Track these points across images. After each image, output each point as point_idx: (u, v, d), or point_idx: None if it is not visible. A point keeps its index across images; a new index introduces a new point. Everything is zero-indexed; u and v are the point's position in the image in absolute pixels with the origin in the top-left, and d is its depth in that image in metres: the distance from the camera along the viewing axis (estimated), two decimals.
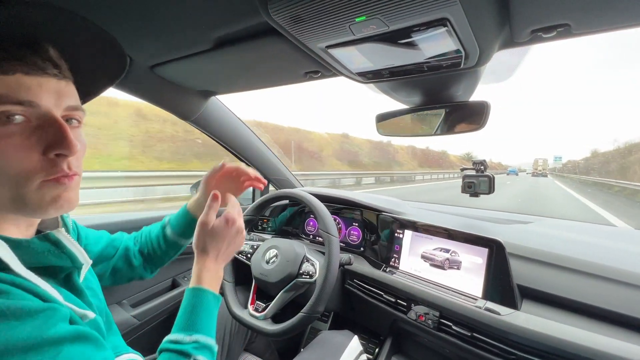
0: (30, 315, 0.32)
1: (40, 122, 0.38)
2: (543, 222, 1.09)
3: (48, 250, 0.41)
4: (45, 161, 0.38)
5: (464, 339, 0.78)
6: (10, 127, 0.36)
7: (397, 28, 0.52)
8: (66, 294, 0.42)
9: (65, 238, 0.43)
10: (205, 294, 0.56)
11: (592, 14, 0.49)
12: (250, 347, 1.09)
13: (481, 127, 0.77)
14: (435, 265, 0.91)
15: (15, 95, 0.35)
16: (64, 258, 0.42)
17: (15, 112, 0.35)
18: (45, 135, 0.38)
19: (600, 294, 0.68)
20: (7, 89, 0.35)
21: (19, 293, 0.33)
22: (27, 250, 0.38)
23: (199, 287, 0.57)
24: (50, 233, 0.42)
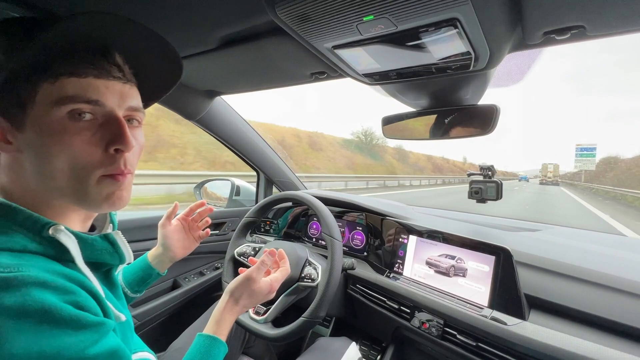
0: (84, 328, 0.35)
1: (104, 120, 0.42)
2: (551, 230, 1.07)
3: (106, 249, 0.45)
4: (106, 156, 0.42)
5: (468, 349, 0.76)
6: (80, 124, 0.40)
7: (405, 28, 0.51)
8: (105, 290, 0.45)
9: (120, 239, 0.47)
10: (219, 346, 0.58)
11: (608, 16, 0.48)
12: (248, 350, 1.08)
13: (490, 131, 0.75)
14: (440, 272, 0.89)
15: (85, 95, 0.40)
16: (115, 257, 0.47)
17: (84, 110, 0.40)
18: (108, 132, 0.42)
19: (611, 306, 0.66)
20: (79, 90, 0.39)
21: (84, 295, 0.36)
22: (90, 247, 0.43)
23: (215, 338, 0.58)
24: (110, 234, 0.46)
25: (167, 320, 1.20)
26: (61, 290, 0.34)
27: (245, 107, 1.66)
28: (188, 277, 1.31)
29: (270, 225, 1.42)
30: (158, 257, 0.75)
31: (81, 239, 0.41)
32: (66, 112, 0.39)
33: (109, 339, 0.38)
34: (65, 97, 0.39)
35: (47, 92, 0.39)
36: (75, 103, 0.39)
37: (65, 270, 0.37)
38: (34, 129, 0.39)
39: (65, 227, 0.40)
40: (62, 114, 0.39)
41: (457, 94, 0.78)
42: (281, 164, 1.50)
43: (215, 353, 0.56)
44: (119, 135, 0.42)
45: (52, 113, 0.39)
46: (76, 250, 0.40)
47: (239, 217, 1.43)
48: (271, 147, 1.45)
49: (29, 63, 0.38)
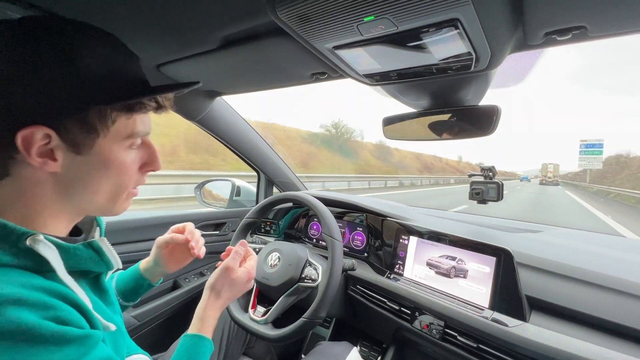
0: (70, 342, 0.34)
1: (143, 144, 0.48)
2: (553, 231, 1.06)
3: (90, 257, 0.44)
4: (139, 176, 0.47)
5: (469, 351, 0.76)
6: (133, 152, 0.46)
7: (406, 29, 0.51)
8: (94, 299, 0.45)
9: (106, 246, 0.46)
10: (204, 344, 0.57)
11: (610, 16, 0.47)
12: (249, 351, 1.08)
13: (491, 132, 0.75)
14: (440, 273, 0.88)
15: (144, 130, 0.45)
16: (101, 265, 0.45)
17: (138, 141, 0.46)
18: (142, 156, 0.48)
19: (612, 308, 0.65)
20: (143, 125, 0.45)
21: (66, 309, 0.35)
22: (73, 256, 0.41)
23: (200, 336, 0.58)
24: (94, 241, 0.45)
25: (168, 321, 1.20)
26: (40, 306, 0.33)
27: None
28: (188, 278, 1.31)
29: (270, 225, 1.42)
30: (149, 270, 0.72)
31: (62, 248, 0.39)
32: (129, 143, 0.44)
33: (97, 351, 0.37)
34: (135, 133, 0.44)
35: (123, 125, 0.42)
36: (139, 137, 0.45)
37: (45, 283, 0.36)
38: (100, 155, 0.41)
39: (45, 235, 0.38)
40: (127, 145, 0.44)
41: (458, 95, 0.78)
42: (282, 165, 1.50)
43: (202, 351, 0.56)
44: (153, 159, 0.48)
45: (121, 144, 0.43)
46: (57, 260, 0.38)
47: (239, 217, 1.44)
48: (271, 147, 1.45)
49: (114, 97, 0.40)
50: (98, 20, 0.61)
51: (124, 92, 0.41)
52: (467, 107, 0.81)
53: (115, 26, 0.64)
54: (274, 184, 1.56)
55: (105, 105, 0.40)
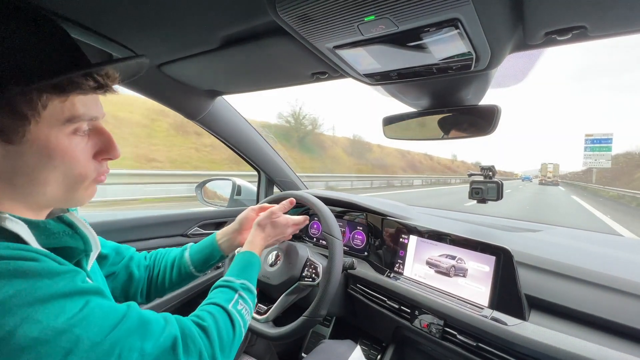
0: (59, 274, 0.36)
1: (93, 129, 0.45)
2: (552, 230, 1.07)
3: (63, 231, 0.43)
4: (97, 165, 0.45)
5: (469, 349, 0.76)
6: (79, 138, 0.42)
7: (406, 28, 0.51)
8: None
9: (78, 220, 0.46)
10: (255, 257, 0.71)
11: (610, 16, 0.48)
12: (250, 349, 1.08)
13: (491, 131, 0.75)
14: (440, 272, 0.89)
15: (89, 113, 0.42)
16: (77, 239, 0.45)
17: (84, 127, 0.42)
18: (96, 142, 0.45)
19: (611, 307, 0.66)
20: (85, 108, 0.41)
21: (46, 259, 0.37)
22: (44, 231, 0.41)
23: (251, 252, 0.71)
24: (64, 215, 0.45)
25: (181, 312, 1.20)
26: (20, 257, 0.34)
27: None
28: None
29: None
30: (228, 234, 0.79)
31: (31, 223, 0.39)
32: (72, 129, 0.41)
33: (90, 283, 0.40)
34: (75, 116, 0.40)
35: (57, 109, 0.39)
36: (82, 121, 0.41)
37: (23, 246, 0.36)
38: (35, 143, 0.38)
39: (11, 214, 0.38)
40: (69, 131, 0.40)
41: (458, 95, 0.78)
42: (282, 164, 1.50)
43: (254, 262, 0.69)
44: (109, 146, 0.46)
45: (60, 129, 0.40)
46: (28, 235, 0.38)
47: None
48: (272, 147, 1.45)
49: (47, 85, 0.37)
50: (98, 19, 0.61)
51: (46, 70, 0.37)
52: (467, 106, 0.82)
53: (117, 26, 0.64)
54: (274, 184, 1.56)
55: (25, 85, 0.36)
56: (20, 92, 0.36)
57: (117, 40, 0.69)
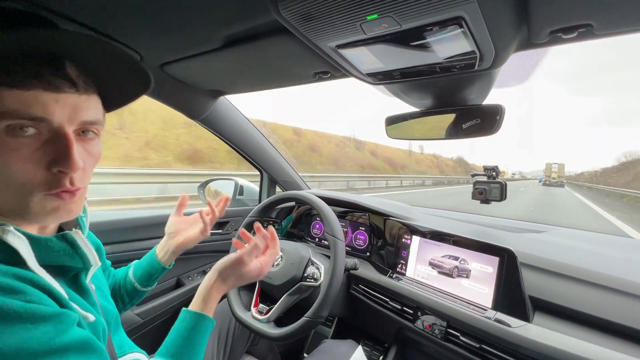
0: (44, 319, 0.33)
1: (50, 135, 0.38)
2: (556, 231, 1.06)
3: (64, 250, 0.41)
4: (49, 175, 0.38)
5: (472, 351, 0.75)
6: (20, 140, 0.36)
7: (409, 27, 0.51)
8: (71, 293, 0.42)
9: (81, 239, 0.43)
10: (206, 322, 0.57)
11: (616, 14, 0.47)
12: (252, 349, 1.08)
13: (495, 131, 0.74)
14: (443, 273, 0.88)
15: (27, 111, 0.35)
16: (76, 259, 0.43)
17: (26, 125, 0.36)
18: (52, 150, 0.38)
19: (617, 308, 0.65)
20: (22, 105, 0.35)
21: (34, 292, 0.34)
22: (45, 248, 0.39)
23: (202, 314, 0.58)
24: (68, 233, 0.42)
25: (170, 319, 1.21)
26: (7, 290, 0.32)
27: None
28: (191, 276, 1.31)
29: (273, 224, 1.42)
30: (162, 246, 0.76)
31: (33, 239, 0.38)
32: (3, 127, 0.35)
33: (77, 330, 0.36)
34: (4, 112, 0.34)
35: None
36: (16, 119, 0.35)
37: (14, 269, 0.34)
38: None
39: (16, 227, 0.37)
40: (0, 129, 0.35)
41: (461, 94, 0.78)
42: (284, 164, 1.50)
43: (203, 329, 0.56)
44: (63, 156, 0.38)
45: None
46: (28, 251, 0.36)
47: (242, 216, 1.44)
48: (274, 147, 1.45)
49: None
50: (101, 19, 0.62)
51: None
52: (471, 106, 0.81)
53: (119, 25, 0.64)
54: (276, 183, 1.56)
55: None
56: None
57: (119, 40, 0.69)
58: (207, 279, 0.63)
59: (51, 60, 0.37)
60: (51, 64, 0.37)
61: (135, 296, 0.76)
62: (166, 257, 0.76)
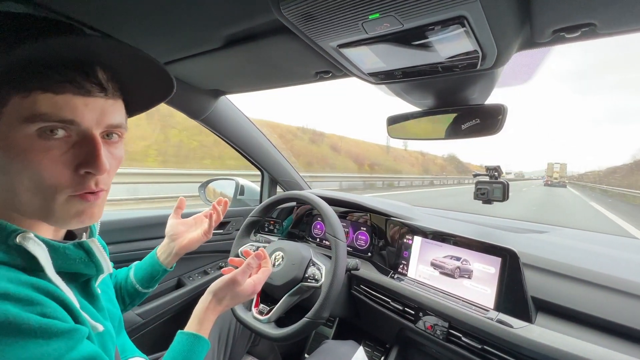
0: (57, 335, 0.33)
1: (79, 138, 0.39)
2: (559, 231, 1.05)
3: (80, 258, 0.42)
4: (76, 177, 0.39)
5: (474, 352, 0.75)
6: (50, 142, 0.37)
7: (411, 26, 0.51)
8: (82, 301, 0.44)
9: (96, 247, 0.45)
10: (201, 343, 0.57)
11: (620, 13, 0.46)
12: (253, 350, 1.08)
13: (497, 131, 0.74)
14: (445, 273, 0.88)
15: (58, 114, 0.37)
16: (91, 267, 0.44)
17: (57, 127, 0.37)
18: (80, 153, 0.39)
19: (620, 309, 0.64)
20: (54, 108, 0.36)
21: (52, 305, 0.35)
22: (62, 256, 0.40)
23: (198, 336, 0.57)
24: (85, 242, 0.44)
25: (172, 319, 1.21)
26: (25, 301, 0.33)
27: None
28: (192, 276, 1.31)
29: (274, 224, 1.42)
30: (164, 248, 0.76)
31: (52, 247, 0.39)
32: (35, 129, 0.36)
33: (84, 346, 0.37)
34: (37, 115, 0.35)
35: (17, 106, 0.35)
36: (47, 122, 0.36)
37: (33, 280, 0.35)
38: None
39: (35, 234, 0.38)
40: (31, 131, 0.36)
41: (463, 94, 0.77)
42: (285, 164, 1.50)
43: (198, 351, 0.56)
44: (92, 158, 0.39)
45: (20, 129, 0.36)
46: (46, 259, 0.37)
47: (243, 216, 1.44)
48: (275, 146, 1.45)
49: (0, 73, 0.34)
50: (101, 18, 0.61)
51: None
52: (473, 106, 0.80)
53: (120, 25, 0.64)
54: (277, 183, 1.56)
55: None
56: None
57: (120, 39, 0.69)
58: (202, 301, 0.63)
59: (83, 65, 0.39)
60: (83, 69, 0.38)
61: (136, 297, 0.76)
62: (168, 260, 0.76)
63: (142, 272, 0.75)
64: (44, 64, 0.36)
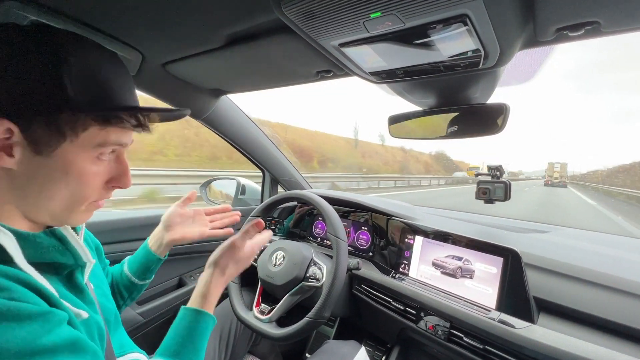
0: (30, 318, 0.32)
1: (114, 159, 0.46)
2: (561, 231, 1.05)
3: (53, 246, 0.42)
4: (104, 189, 0.46)
5: (475, 352, 0.75)
6: (100, 164, 0.44)
7: (413, 25, 0.50)
8: (63, 291, 0.42)
9: (71, 235, 0.44)
10: (206, 319, 0.56)
11: (624, 11, 0.46)
12: (254, 349, 1.08)
13: (499, 130, 0.74)
14: (446, 273, 0.87)
15: (120, 140, 0.44)
16: (67, 255, 0.43)
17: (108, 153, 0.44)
18: (111, 170, 0.46)
19: (622, 310, 0.64)
20: (117, 136, 0.43)
21: (20, 290, 0.34)
22: (33, 244, 0.40)
23: (202, 311, 0.56)
24: (57, 229, 0.43)
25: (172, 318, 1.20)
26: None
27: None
28: (193, 275, 1.31)
29: (275, 224, 1.42)
30: (157, 236, 0.74)
31: (20, 235, 0.38)
32: (98, 153, 0.42)
33: (65, 329, 0.36)
34: (106, 143, 0.42)
35: (94, 134, 0.41)
36: (109, 148, 0.43)
37: (2, 267, 0.34)
38: (61, 159, 0.39)
39: (2, 224, 0.37)
40: (95, 155, 0.42)
41: (465, 93, 0.77)
42: (287, 163, 1.50)
43: (203, 327, 0.55)
44: (124, 176, 0.47)
45: (88, 152, 0.41)
46: (14, 248, 0.37)
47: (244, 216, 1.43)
48: (277, 146, 1.45)
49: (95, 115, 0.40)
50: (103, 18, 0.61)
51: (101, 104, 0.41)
52: (475, 105, 0.80)
53: (121, 24, 0.64)
54: (278, 183, 1.55)
55: (79, 112, 0.39)
56: (68, 118, 0.39)
57: (121, 38, 0.69)
58: (203, 275, 0.61)
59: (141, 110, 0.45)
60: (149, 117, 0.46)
61: (134, 290, 0.74)
62: (160, 250, 0.74)
63: (137, 264, 0.73)
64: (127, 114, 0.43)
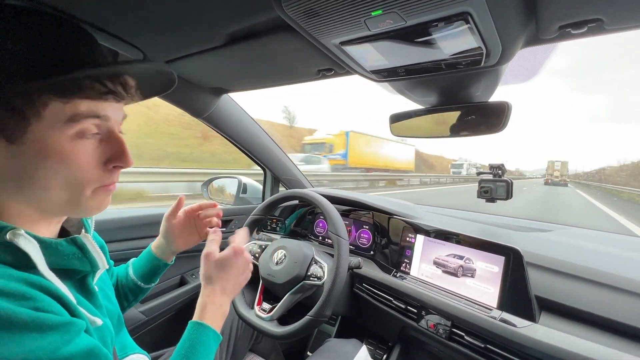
0: (52, 328, 0.33)
1: (105, 136, 0.43)
2: (564, 230, 1.04)
3: (73, 253, 0.43)
4: (104, 171, 0.43)
5: (476, 351, 0.75)
6: (84, 141, 0.41)
7: (415, 23, 0.50)
8: (79, 297, 0.43)
9: (90, 243, 0.45)
10: (206, 332, 0.56)
11: (628, 8, 0.46)
12: (255, 347, 1.08)
13: (501, 129, 0.73)
14: (448, 272, 0.87)
15: (96, 111, 0.41)
16: (85, 263, 0.44)
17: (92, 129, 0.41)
18: (109, 149, 0.43)
19: (625, 309, 0.64)
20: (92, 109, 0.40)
21: (44, 299, 0.35)
22: (55, 252, 0.40)
23: (201, 323, 0.56)
24: (78, 237, 0.44)
25: (175, 316, 1.21)
26: (17, 295, 0.32)
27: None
28: (195, 274, 1.32)
29: (276, 223, 1.42)
30: (160, 248, 0.75)
31: (43, 243, 0.39)
32: (75, 130, 0.39)
33: (83, 339, 0.37)
34: (77, 114, 0.39)
35: (57, 110, 0.37)
36: (86, 119, 0.40)
37: (25, 275, 0.35)
38: (35, 144, 0.37)
39: (26, 231, 0.37)
40: (72, 133, 0.39)
41: (467, 91, 0.77)
42: (288, 162, 1.50)
43: (203, 339, 0.55)
44: (121, 153, 0.44)
45: (60, 130, 0.38)
46: (38, 255, 0.37)
47: (245, 214, 1.44)
48: (278, 144, 1.44)
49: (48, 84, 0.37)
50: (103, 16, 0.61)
51: (46, 70, 0.37)
52: (477, 103, 0.80)
53: (122, 23, 0.64)
54: (280, 182, 1.55)
55: (23, 84, 0.35)
56: (19, 90, 0.35)
57: (122, 37, 0.69)
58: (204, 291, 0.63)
59: (119, 77, 0.43)
60: (119, 81, 0.43)
61: (139, 293, 0.75)
62: (165, 256, 0.75)
63: (142, 269, 0.74)
64: (94, 80, 0.40)
